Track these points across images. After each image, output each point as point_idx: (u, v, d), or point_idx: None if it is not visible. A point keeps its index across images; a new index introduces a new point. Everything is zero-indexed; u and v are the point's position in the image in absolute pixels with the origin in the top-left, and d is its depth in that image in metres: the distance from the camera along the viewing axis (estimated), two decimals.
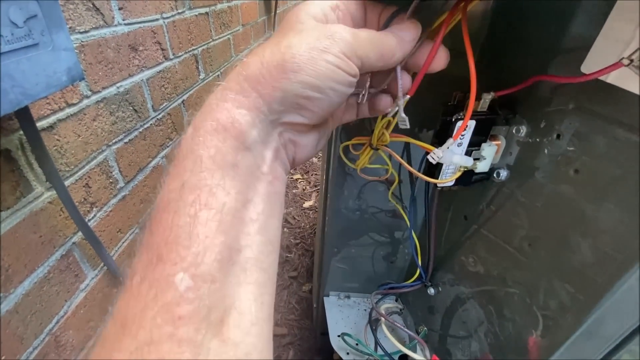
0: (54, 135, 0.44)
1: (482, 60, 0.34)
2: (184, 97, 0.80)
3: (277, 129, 0.20)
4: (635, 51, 0.20)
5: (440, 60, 0.23)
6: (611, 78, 0.23)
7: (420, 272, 0.51)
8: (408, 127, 0.27)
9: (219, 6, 0.97)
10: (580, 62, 0.26)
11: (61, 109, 0.45)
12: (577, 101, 0.26)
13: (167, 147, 0.73)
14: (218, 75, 1.00)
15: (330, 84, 0.19)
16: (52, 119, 0.43)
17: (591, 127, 0.25)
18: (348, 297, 0.65)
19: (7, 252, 0.39)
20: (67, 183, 0.47)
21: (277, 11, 1.65)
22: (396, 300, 0.65)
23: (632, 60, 0.20)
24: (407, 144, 0.46)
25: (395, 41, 0.21)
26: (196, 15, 0.83)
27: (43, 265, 0.44)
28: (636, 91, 0.22)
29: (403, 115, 0.26)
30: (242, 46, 1.22)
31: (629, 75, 0.22)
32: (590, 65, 0.25)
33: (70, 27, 0.45)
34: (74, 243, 0.48)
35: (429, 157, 0.29)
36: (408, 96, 0.25)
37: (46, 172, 0.42)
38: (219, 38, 0.99)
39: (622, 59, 0.21)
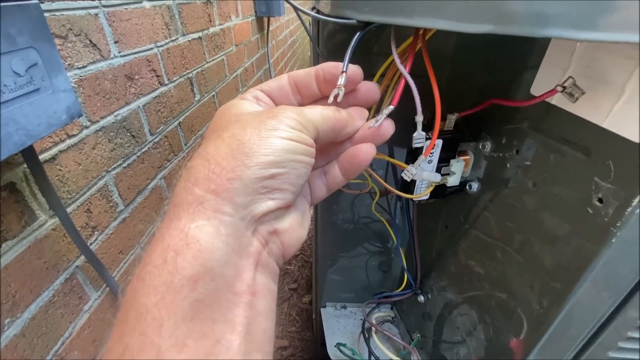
0: (56, 166, 0.47)
1: (449, 83, 0.37)
2: (180, 119, 0.83)
3: (251, 227, 0.17)
4: (567, 79, 0.23)
5: (388, 130, 0.24)
6: (555, 100, 0.26)
7: (409, 281, 0.53)
8: (424, 144, 0.28)
9: (211, 30, 1.01)
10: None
11: (62, 141, 0.48)
12: (530, 120, 0.29)
13: (165, 168, 0.76)
14: (213, 96, 1.03)
15: (290, 156, 0.18)
16: (54, 151, 0.46)
17: (543, 144, 0.28)
18: (344, 307, 0.67)
19: (14, 279, 0.41)
20: (69, 210, 0.49)
21: (270, 28, 1.70)
22: (391, 308, 0.66)
23: (564, 87, 0.23)
24: None
25: (347, 116, 0.22)
26: (189, 41, 0.87)
27: (48, 289, 0.46)
28: (574, 112, 0.24)
29: (422, 132, 0.27)
30: (237, 65, 1.26)
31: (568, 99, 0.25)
32: (537, 88, 0.27)
33: (69, 64, 0.48)
34: (77, 267, 0.51)
35: (403, 174, 0.32)
36: (392, 107, 0.25)
37: (49, 201, 0.44)
38: (213, 60, 1.03)
39: (556, 85, 0.23)
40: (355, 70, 0.23)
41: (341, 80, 0.23)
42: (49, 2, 0.45)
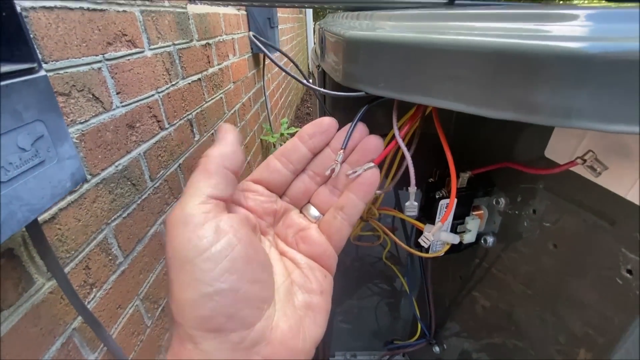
0: (55, 225, 0.45)
1: (458, 137, 0.37)
2: (180, 161, 0.82)
3: None
4: (587, 152, 0.22)
5: (371, 180, 0.24)
6: (573, 167, 0.26)
7: (423, 330, 0.51)
8: (416, 214, 0.28)
9: (210, 70, 1.03)
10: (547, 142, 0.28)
11: (62, 199, 0.46)
12: (546, 182, 0.29)
13: (165, 212, 0.75)
14: (212, 134, 1.04)
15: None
16: (53, 211, 0.45)
17: (561, 208, 0.27)
18: (354, 356, 0.64)
19: (9, 351, 0.39)
20: (67, 269, 0.47)
21: (266, 63, 1.74)
22: (403, 356, 0.64)
23: (585, 160, 0.22)
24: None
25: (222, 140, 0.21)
26: (189, 83, 0.88)
27: (44, 357, 0.43)
28: (595, 181, 0.24)
29: (415, 203, 0.27)
30: (235, 101, 1.28)
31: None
32: (551, 152, 0.27)
33: (71, 120, 0.48)
34: (74, 329, 0.48)
35: (420, 241, 0.31)
36: (372, 164, 0.25)
37: (47, 264, 0.42)
38: (212, 99, 1.04)
39: (576, 158, 0.23)
40: (362, 135, 0.25)
41: (339, 157, 0.24)
42: (54, 62, 0.45)
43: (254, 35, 0.27)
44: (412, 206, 0.28)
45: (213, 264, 0.17)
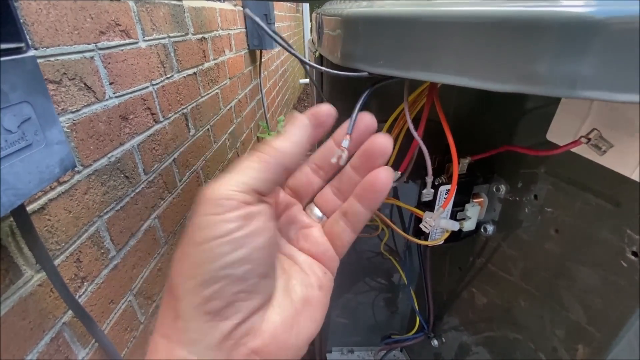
0: (44, 216, 0.44)
1: (456, 124, 0.36)
2: (175, 155, 0.81)
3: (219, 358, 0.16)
4: (592, 131, 0.22)
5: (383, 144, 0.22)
6: (576, 148, 0.25)
7: (421, 323, 0.50)
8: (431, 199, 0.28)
9: (206, 65, 1.02)
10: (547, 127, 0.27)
11: (52, 189, 0.45)
12: (547, 165, 0.28)
13: (159, 207, 0.73)
14: (208, 129, 1.02)
15: (216, 265, 0.16)
16: (43, 200, 0.43)
17: (563, 191, 0.27)
18: (352, 351, 0.63)
19: None
20: (57, 261, 0.46)
21: (262, 60, 1.73)
22: (401, 351, 0.63)
23: (589, 139, 0.22)
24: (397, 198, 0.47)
25: (285, 142, 0.20)
26: (184, 77, 0.87)
27: (32, 352, 0.42)
28: (598, 161, 0.23)
29: (431, 190, 0.27)
30: (231, 97, 1.27)
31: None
32: (554, 134, 0.27)
33: (62, 109, 0.47)
34: (64, 323, 0.47)
35: (422, 226, 0.30)
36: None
37: (36, 255, 0.41)
38: (208, 94, 1.03)
39: (581, 137, 0.22)
40: (367, 125, 0.23)
41: (345, 143, 0.23)
42: (44, 48, 0.44)
43: (247, 9, 0.26)
44: (428, 192, 0.28)
45: (231, 248, 0.16)
